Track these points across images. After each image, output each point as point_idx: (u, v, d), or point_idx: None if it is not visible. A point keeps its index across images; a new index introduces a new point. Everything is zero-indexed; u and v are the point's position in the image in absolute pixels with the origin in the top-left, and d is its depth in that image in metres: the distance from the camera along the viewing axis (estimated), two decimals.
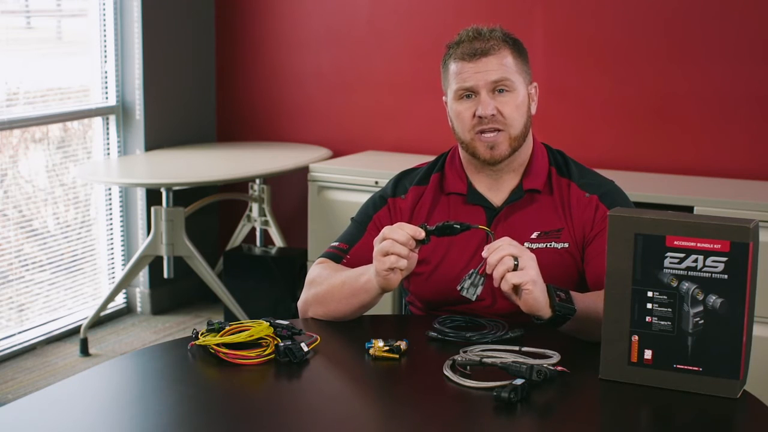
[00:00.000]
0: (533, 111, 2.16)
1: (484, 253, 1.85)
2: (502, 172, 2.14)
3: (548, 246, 2.08)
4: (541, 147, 2.20)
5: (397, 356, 1.82)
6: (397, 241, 1.89)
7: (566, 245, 2.09)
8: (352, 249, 2.15)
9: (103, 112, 4.46)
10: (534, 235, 2.09)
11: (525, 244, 2.06)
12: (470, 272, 1.87)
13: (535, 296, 1.82)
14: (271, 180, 4.61)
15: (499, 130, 2.08)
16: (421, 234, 1.90)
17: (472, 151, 2.11)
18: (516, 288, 1.82)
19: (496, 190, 2.15)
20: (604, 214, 2.04)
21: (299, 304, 2.12)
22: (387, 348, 1.82)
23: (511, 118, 2.08)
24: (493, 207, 2.14)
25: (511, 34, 2.14)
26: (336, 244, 2.18)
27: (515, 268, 1.81)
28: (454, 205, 2.16)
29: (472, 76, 2.07)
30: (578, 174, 2.16)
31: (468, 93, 2.09)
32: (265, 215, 4.52)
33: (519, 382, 1.63)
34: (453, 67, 2.11)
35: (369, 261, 2.01)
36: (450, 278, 2.02)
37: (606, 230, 1.75)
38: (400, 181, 2.22)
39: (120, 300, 4.64)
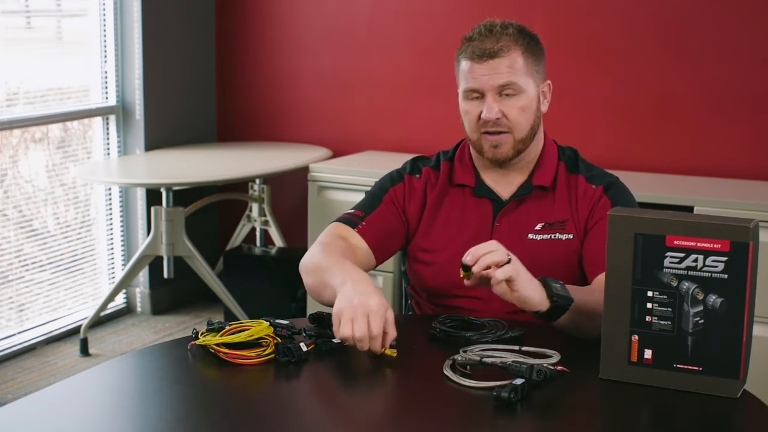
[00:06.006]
0: (544, 109, 2.18)
1: (467, 259, 1.83)
2: (510, 169, 2.17)
3: (552, 237, 2.11)
4: (552, 144, 2.22)
5: (396, 355, 1.81)
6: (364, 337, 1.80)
7: (570, 236, 2.11)
8: (368, 217, 2.17)
9: (103, 112, 4.46)
10: (538, 227, 2.12)
11: (529, 235, 2.11)
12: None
13: (521, 292, 1.81)
14: (271, 180, 4.61)
15: (504, 132, 2.09)
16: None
17: (478, 149, 2.15)
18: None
19: (505, 184, 2.18)
20: (606, 203, 2.09)
21: (303, 258, 2.08)
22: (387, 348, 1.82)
23: (516, 122, 2.10)
24: (500, 200, 2.16)
25: (527, 30, 2.14)
26: (352, 211, 2.19)
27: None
28: (462, 197, 2.18)
29: (479, 78, 2.08)
30: (586, 170, 2.19)
31: (475, 94, 2.10)
32: (265, 215, 4.52)
33: (519, 381, 1.63)
34: (463, 65, 2.12)
35: (382, 230, 2.12)
36: (451, 265, 2.03)
37: (605, 218, 1.76)
38: (416, 162, 2.26)
39: (120, 300, 4.64)
